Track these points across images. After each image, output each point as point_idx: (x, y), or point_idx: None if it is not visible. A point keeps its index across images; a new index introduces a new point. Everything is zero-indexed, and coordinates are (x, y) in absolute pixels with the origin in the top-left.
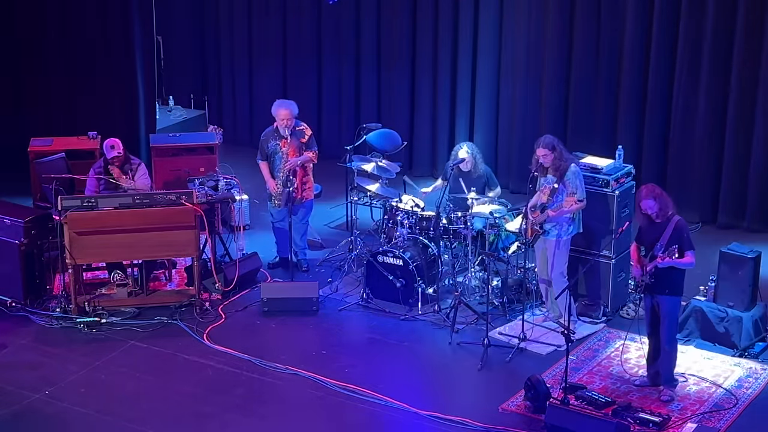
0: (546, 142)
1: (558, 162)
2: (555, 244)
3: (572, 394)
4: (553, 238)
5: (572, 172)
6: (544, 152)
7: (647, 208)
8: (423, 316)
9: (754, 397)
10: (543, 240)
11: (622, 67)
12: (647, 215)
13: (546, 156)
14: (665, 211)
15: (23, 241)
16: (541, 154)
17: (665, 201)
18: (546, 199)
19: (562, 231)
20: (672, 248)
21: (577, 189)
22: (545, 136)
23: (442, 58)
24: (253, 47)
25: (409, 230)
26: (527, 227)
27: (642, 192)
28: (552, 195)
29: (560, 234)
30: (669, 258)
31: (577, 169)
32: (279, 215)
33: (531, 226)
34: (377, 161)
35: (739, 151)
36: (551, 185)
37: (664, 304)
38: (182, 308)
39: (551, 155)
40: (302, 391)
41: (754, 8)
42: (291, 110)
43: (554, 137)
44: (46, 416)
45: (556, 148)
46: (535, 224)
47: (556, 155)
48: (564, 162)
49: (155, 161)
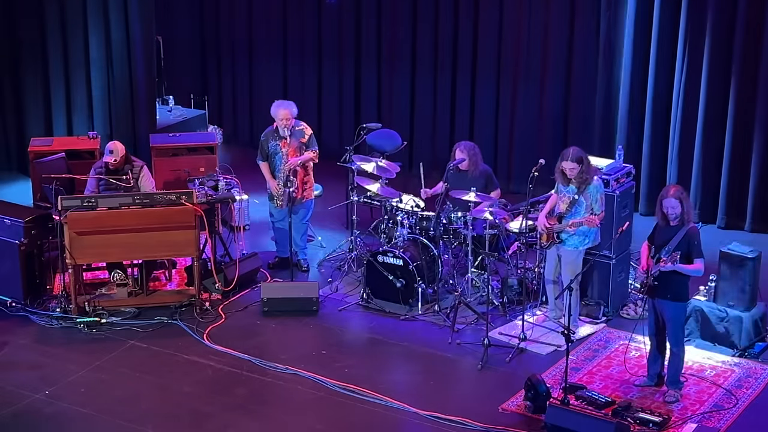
0: (575, 156)
1: (583, 175)
2: (571, 253)
3: (572, 394)
4: (570, 248)
5: (594, 186)
6: (571, 166)
7: (669, 207)
8: (423, 316)
9: (754, 397)
10: (558, 247)
11: (622, 66)
12: (665, 215)
13: (573, 170)
14: (685, 215)
15: (23, 241)
16: (568, 167)
17: (688, 206)
18: (564, 209)
19: (580, 242)
20: (674, 254)
21: (596, 203)
22: (572, 148)
23: (442, 58)
24: (253, 47)
25: (409, 230)
26: (543, 232)
27: (670, 190)
28: (571, 206)
29: (578, 245)
30: (671, 263)
31: (599, 183)
32: (279, 215)
33: (548, 233)
34: (377, 161)
35: (739, 151)
36: (571, 196)
37: (668, 309)
38: (182, 308)
39: (578, 168)
40: (302, 391)
41: (754, 8)
42: (290, 110)
43: (581, 149)
44: (46, 416)
45: (583, 161)
46: (552, 232)
47: (582, 168)
48: (589, 175)
49: (155, 161)
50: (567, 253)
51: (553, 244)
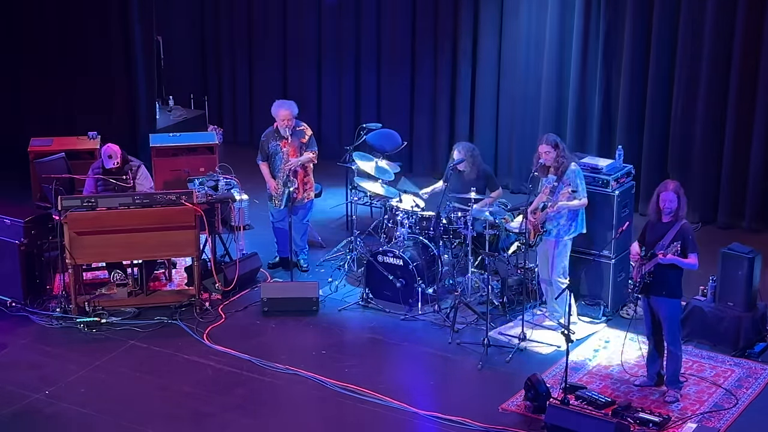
0: (549, 140)
1: (559, 160)
2: (554, 244)
3: (572, 394)
4: (552, 238)
5: (571, 170)
6: (546, 149)
7: (666, 200)
8: (423, 316)
9: (754, 397)
10: (544, 241)
11: (622, 66)
12: (658, 211)
13: (548, 153)
14: (680, 211)
15: (23, 241)
16: (543, 150)
17: (684, 202)
18: (546, 199)
19: (562, 231)
20: (674, 244)
21: (577, 187)
22: (548, 134)
23: (442, 58)
24: (253, 47)
25: (409, 230)
26: (531, 229)
27: (669, 185)
28: (552, 194)
29: (560, 234)
30: (671, 255)
31: (577, 168)
32: (279, 215)
33: (533, 227)
34: (377, 161)
35: (739, 151)
36: (551, 184)
37: (663, 307)
38: (182, 308)
39: (553, 152)
40: (302, 391)
41: (754, 8)
42: (291, 111)
43: (557, 136)
44: (46, 416)
45: (558, 146)
46: (537, 224)
47: (558, 153)
48: (565, 160)
49: (155, 161)
50: (551, 244)
51: (541, 237)
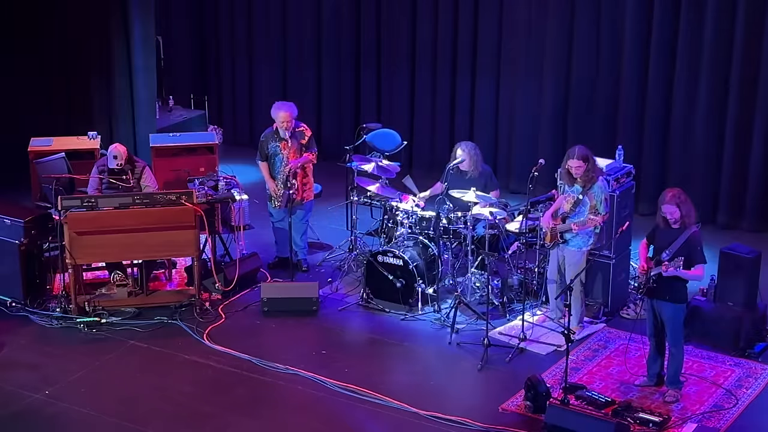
0: (580, 154)
1: (589, 174)
2: (575, 254)
3: (572, 394)
4: (574, 248)
5: (598, 186)
6: (577, 164)
7: (667, 213)
8: (423, 316)
9: (754, 397)
10: (562, 248)
11: (622, 66)
12: (665, 221)
13: (579, 168)
14: (686, 219)
15: (23, 241)
16: (574, 165)
17: (689, 209)
18: (568, 209)
19: (583, 243)
20: (678, 259)
21: (600, 204)
22: (578, 146)
23: (441, 58)
24: (253, 47)
25: (409, 230)
26: (547, 232)
27: (666, 196)
28: (575, 206)
29: (581, 245)
30: (674, 268)
31: (603, 183)
32: (279, 215)
33: (552, 234)
34: (377, 161)
35: (739, 151)
36: (576, 196)
37: (666, 310)
38: (182, 308)
39: (584, 167)
40: (302, 391)
41: (754, 8)
42: (291, 112)
43: (587, 148)
44: (46, 416)
45: (589, 159)
46: (556, 232)
47: (587, 167)
48: (594, 175)
49: (155, 161)
50: (571, 253)
51: (557, 244)
